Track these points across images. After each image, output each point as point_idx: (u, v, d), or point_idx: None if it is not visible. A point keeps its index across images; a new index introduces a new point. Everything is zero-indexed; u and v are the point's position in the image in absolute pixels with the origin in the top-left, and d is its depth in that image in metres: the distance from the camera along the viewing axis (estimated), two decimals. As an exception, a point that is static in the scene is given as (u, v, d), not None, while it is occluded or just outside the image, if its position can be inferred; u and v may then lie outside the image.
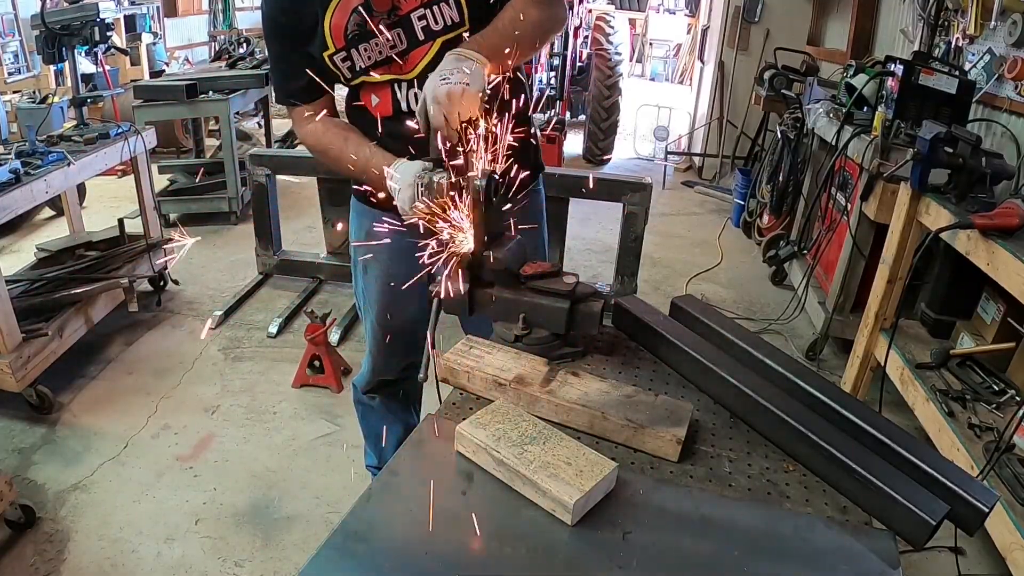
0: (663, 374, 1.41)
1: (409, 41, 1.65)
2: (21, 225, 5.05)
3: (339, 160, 1.72)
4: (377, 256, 1.94)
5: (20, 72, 6.53)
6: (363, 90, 1.75)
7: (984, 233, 2.28)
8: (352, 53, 1.66)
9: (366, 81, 1.71)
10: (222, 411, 3.15)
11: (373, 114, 1.74)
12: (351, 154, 1.69)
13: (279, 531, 2.51)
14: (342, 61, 1.67)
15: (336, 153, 1.73)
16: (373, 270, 2.01)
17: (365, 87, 1.74)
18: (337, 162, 1.72)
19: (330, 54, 1.66)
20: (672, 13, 14.32)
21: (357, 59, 1.67)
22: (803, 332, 4.03)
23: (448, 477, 1.10)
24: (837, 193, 3.86)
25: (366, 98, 1.76)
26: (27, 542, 2.40)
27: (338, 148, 1.72)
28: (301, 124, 1.79)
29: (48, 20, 3.29)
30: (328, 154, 1.75)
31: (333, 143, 1.74)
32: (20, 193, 2.79)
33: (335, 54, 1.66)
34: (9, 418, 3.02)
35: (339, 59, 1.67)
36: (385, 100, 1.74)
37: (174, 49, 9.14)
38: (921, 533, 1.00)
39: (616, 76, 7.10)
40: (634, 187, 3.66)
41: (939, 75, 3.11)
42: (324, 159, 1.78)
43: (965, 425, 2.45)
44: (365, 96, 1.76)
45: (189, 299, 4.15)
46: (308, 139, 1.79)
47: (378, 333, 2.11)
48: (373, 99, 1.75)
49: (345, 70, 1.69)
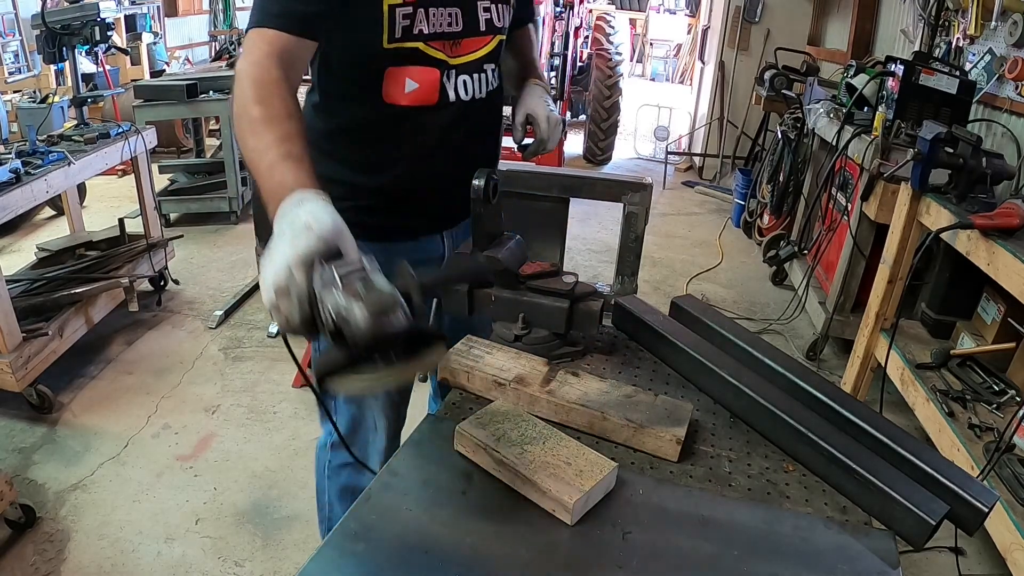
0: (663, 374, 1.40)
1: (466, 27, 1.46)
2: (21, 225, 5.05)
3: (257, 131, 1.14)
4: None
5: (20, 72, 6.53)
6: (393, 69, 1.41)
7: (984, 233, 2.28)
8: (419, 12, 1.37)
9: (414, 53, 1.40)
10: (222, 411, 3.15)
11: (392, 103, 1.43)
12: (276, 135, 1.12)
13: (279, 531, 2.51)
14: (403, 16, 1.36)
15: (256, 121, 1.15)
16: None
17: (397, 66, 1.41)
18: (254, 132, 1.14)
19: (395, 4, 1.34)
20: (672, 13, 14.33)
21: (421, 21, 1.38)
22: (803, 332, 4.03)
23: (448, 477, 1.10)
24: (837, 193, 3.86)
25: (394, 81, 1.42)
26: (27, 542, 2.40)
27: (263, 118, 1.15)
28: (252, 52, 1.25)
29: (49, 20, 3.29)
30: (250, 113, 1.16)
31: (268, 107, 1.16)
32: (20, 193, 2.79)
33: (400, 6, 1.35)
34: (9, 418, 3.02)
35: (401, 12, 1.35)
36: (429, 86, 1.45)
37: (174, 49, 9.14)
38: (921, 533, 1.00)
39: (616, 76, 7.11)
40: (635, 187, 3.63)
41: (939, 75, 3.11)
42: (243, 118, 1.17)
43: (965, 425, 2.45)
44: (393, 79, 1.42)
45: (189, 299, 4.16)
46: (252, 73, 1.21)
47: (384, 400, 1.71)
48: (408, 84, 1.43)
49: (399, 29, 1.37)
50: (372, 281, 0.89)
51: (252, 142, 1.13)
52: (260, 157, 1.11)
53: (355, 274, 0.89)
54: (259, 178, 1.11)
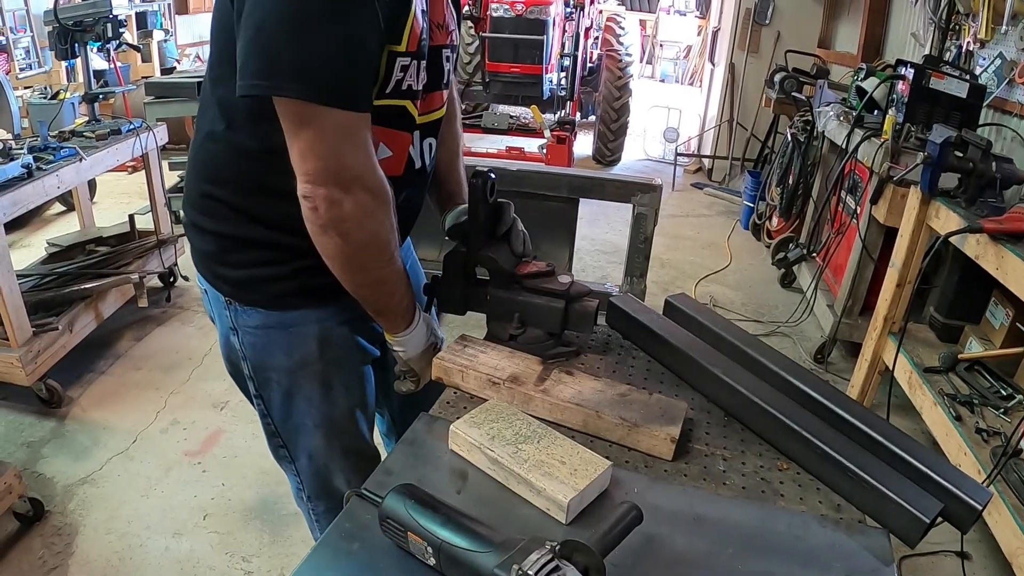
0: (657, 373, 1.41)
1: (431, 79, 1.29)
2: (32, 220, 5.09)
3: (387, 254, 1.19)
4: (342, 359, 1.44)
5: (32, 68, 6.59)
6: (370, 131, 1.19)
7: (993, 237, 2.26)
8: (412, 64, 1.20)
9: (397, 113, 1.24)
10: (231, 407, 3.16)
11: None
12: (398, 257, 1.22)
13: (287, 527, 2.52)
14: (400, 69, 1.18)
15: (389, 243, 1.20)
16: (340, 379, 1.45)
17: (375, 129, 1.18)
18: (380, 258, 1.19)
19: (397, 51, 1.16)
20: (683, 15, 14.31)
21: (411, 75, 1.21)
22: (811, 335, 4.02)
23: (442, 476, 1.10)
24: (847, 196, 3.84)
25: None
26: (35, 535, 2.42)
27: (391, 237, 1.20)
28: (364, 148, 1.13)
29: (61, 16, 3.32)
30: (394, 241, 1.20)
31: (388, 224, 1.19)
32: (32, 188, 2.82)
33: (402, 55, 1.17)
34: (19, 412, 3.05)
35: (400, 64, 1.18)
36: (400, 153, 1.29)
37: (185, 46, 9.20)
38: (915, 531, 1.00)
39: (626, 77, 7.10)
40: (644, 188, 3.65)
41: (950, 79, 3.09)
42: (387, 248, 1.19)
43: (973, 429, 2.44)
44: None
45: (199, 295, 4.14)
46: (387, 192, 1.17)
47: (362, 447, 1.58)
48: (381, 150, 1.24)
49: (393, 83, 1.19)
50: None
51: (388, 271, 1.22)
52: (394, 284, 1.26)
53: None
54: (384, 297, 1.26)
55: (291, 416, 1.47)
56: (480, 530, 0.89)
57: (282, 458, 1.59)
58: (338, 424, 1.49)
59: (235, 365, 1.47)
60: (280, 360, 1.39)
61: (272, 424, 1.51)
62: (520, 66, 6.46)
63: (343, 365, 1.43)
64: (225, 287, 1.36)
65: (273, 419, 1.49)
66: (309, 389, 1.42)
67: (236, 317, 1.37)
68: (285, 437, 1.52)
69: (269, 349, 1.38)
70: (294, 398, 1.44)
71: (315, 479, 1.59)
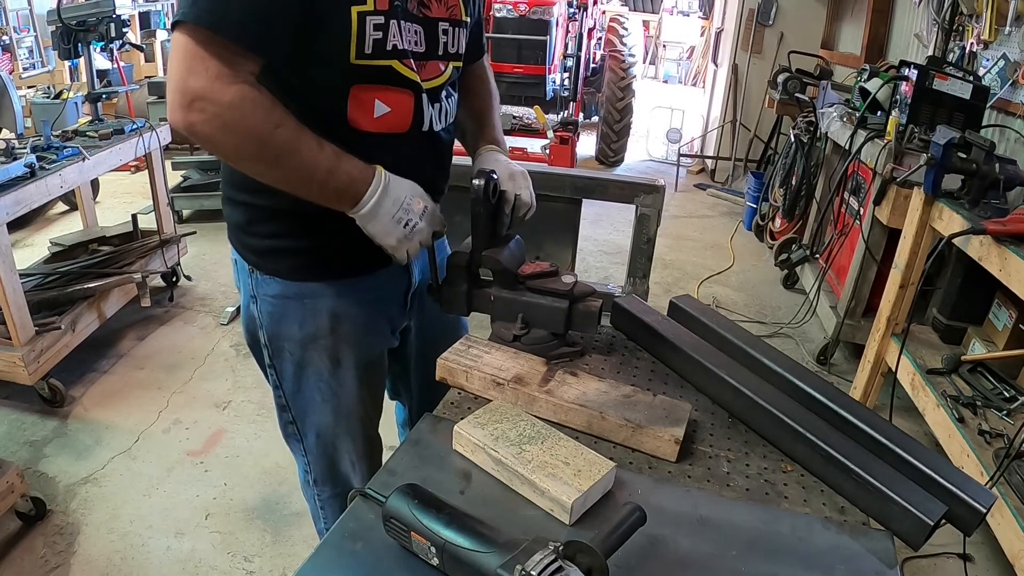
0: (661, 374, 1.41)
1: (428, 48, 1.33)
2: (35, 219, 5.10)
3: (293, 150, 1.17)
4: (353, 337, 1.47)
5: (35, 67, 6.61)
6: (359, 90, 1.26)
7: (997, 239, 2.26)
8: (391, 24, 1.22)
9: (386, 72, 1.26)
10: (233, 407, 3.17)
11: (357, 128, 1.28)
12: (314, 145, 1.18)
13: (289, 527, 2.52)
14: (374, 27, 1.20)
15: (291, 139, 1.16)
16: (350, 358, 1.49)
17: (365, 88, 1.25)
18: (290, 152, 1.17)
19: (364, 11, 1.18)
20: (686, 15, 14.29)
21: (394, 35, 1.23)
22: (814, 336, 4.01)
23: (446, 476, 1.10)
24: (850, 197, 3.84)
25: (360, 104, 1.27)
26: (37, 534, 2.42)
27: (293, 134, 1.16)
28: (229, 82, 1.11)
29: (64, 16, 3.32)
30: (275, 139, 1.15)
31: (286, 123, 1.16)
32: (35, 187, 2.82)
33: (371, 14, 1.19)
34: (21, 411, 3.05)
35: (372, 22, 1.20)
36: (402, 110, 1.31)
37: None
38: (919, 533, 1.00)
39: (629, 78, 7.10)
40: (647, 189, 3.65)
41: (953, 80, 3.09)
42: (265, 148, 1.16)
43: (975, 431, 2.43)
44: (360, 101, 1.27)
45: (201, 295, 4.18)
46: (243, 106, 1.12)
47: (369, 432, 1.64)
48: (377, 107, 1.28)
49: (369, 44, 1.21)
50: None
51: (293, 162, 1.18)
52: (313, 167, 1.19)
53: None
54: (316, 186, 1.21)
55: (301, 389, 1.52)
56: (483, 530, 0.89)
57: (291, 435, 1.63)
58: (345, 403, 1.53)
59: (253, 334, 1.52)
60: (293, 331, 1.44)
61: (283, 396, 1.55)
62: (523, 66, 6.46)
63: (354, 344, 1.47)
64: (250, 256, 1.43)
65: (284, 391, 1.54)
66: (319, 363, 1.47)
67: (257, 286, 1.44)
68: (295, 412, 1.57)
69: (284, 319, 1.44)
70: (304, 370, 1.49)
71: (322, 459, 1.62)
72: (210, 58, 1.09)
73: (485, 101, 1.63)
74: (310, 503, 1.79)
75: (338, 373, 1.49)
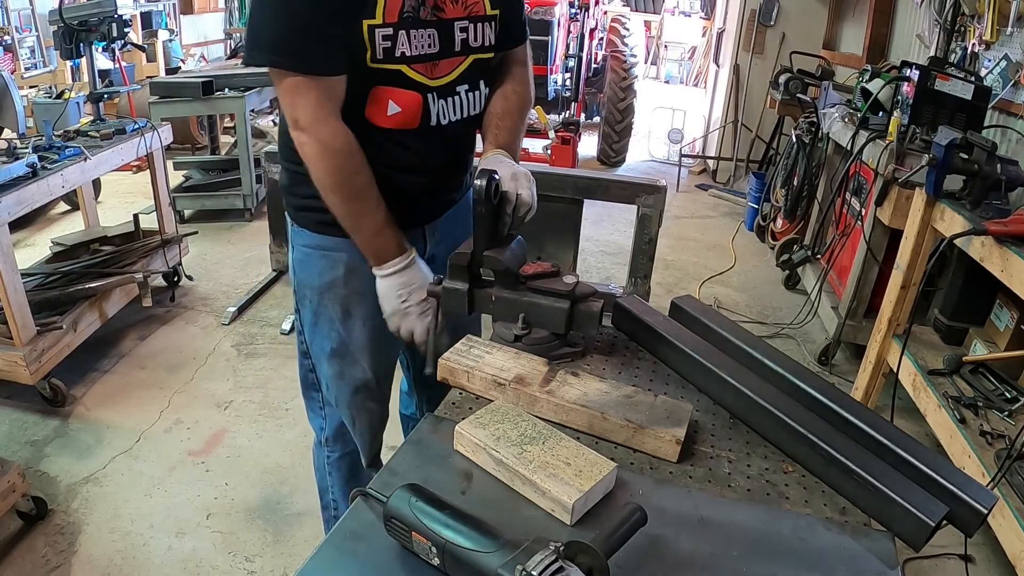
0: (663, 374, 1.40)
1: (442, 48, 1.47)
2: (36, 219, 5.11)
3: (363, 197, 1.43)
4: (364, 292, 1.59)
5: (37, 67, 6.61)
6: (378, 90, 1.44)
7: (998, 240, 2.26)
8: (400, 35, 1.39)
9: (397, 75, 1.43)
10: (234, 407, 3.17)
11: (374, 123, 1.47)
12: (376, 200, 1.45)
13: (290, 527, 2.52)
14: (383, 38, 1.37)
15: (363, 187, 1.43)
16: (360, 310, 1.65)
17: (381, 89, 1.43)
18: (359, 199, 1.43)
19: (374, 24, 1.36)
20: (687, 15, 14.27)
21: (403, 44, 1.40)
22: (816, 337, 4.01)
23: (447, 476, 1.10)
24: (851, 198, 3.84)
25: (377, 103, 1.45)
26: (38, 534, 2.42)
27: (366, 183, 1.43)
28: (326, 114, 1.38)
29: (66, 15, 3.33)
30: (352, 183, 1.42)
31: (363, 172, 1.43)
32: (36, 187, 2.83)
33: (380, 27, 1.37)
34: (22, 411, 3.05)
35: (380, 33, 1.37)
36: (411, 109, 1.47)
37: (190, 46, 9.23)
38: (920, 534, 1.00)
39: (631, 78, 7.10)
40: (648, 189, 3.65)
41: (955, 81, 3.09)
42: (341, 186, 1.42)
43: (977, 432, 2.43)
44: (377, 100, 1.45)
45: (203, 295, 4.19)
46: (336, 141, 1.39)
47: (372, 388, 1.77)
48: (391, 107, 1.45)
49: (380, 51, 1.38)
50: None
51: (356, 207, 1.44)
52: (370, 219, 1.45)
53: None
54: (363, 232, 1.46)
55: (316, 335, 1.71)
56: (484, 530, 0.89)
57: (310, 385, 1.83)
58: (352, 351, 1.69)
59: (290, 280, 1.76)
60: (314, 279, 1.64)
61: (304, 342, 1.76)
62: (524, 67, 6.45)
63: (365, 297, 1.59)
64: (291, 211, 1.65)
65: (305, 336, 1.75)
66: (332, 311, 1.65)
67: (294, 236, 1.66)
68: (314, 358, 1.76)
69: (308, 267, 1.64)
70: (320, 318, 1.68)
71: (334, 412, 1.82)
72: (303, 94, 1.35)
73: (506, 105, 1.67)
74: (318, 473, 1.99)
75: (348, 323, 1.65)
